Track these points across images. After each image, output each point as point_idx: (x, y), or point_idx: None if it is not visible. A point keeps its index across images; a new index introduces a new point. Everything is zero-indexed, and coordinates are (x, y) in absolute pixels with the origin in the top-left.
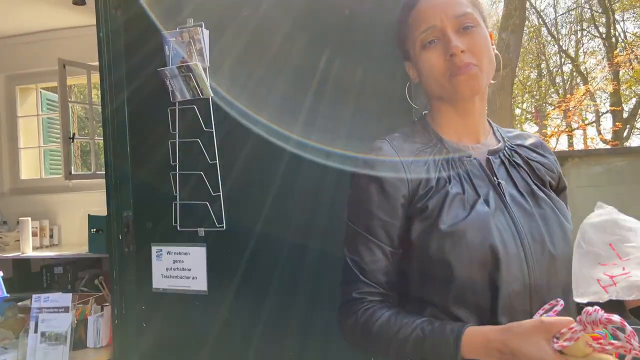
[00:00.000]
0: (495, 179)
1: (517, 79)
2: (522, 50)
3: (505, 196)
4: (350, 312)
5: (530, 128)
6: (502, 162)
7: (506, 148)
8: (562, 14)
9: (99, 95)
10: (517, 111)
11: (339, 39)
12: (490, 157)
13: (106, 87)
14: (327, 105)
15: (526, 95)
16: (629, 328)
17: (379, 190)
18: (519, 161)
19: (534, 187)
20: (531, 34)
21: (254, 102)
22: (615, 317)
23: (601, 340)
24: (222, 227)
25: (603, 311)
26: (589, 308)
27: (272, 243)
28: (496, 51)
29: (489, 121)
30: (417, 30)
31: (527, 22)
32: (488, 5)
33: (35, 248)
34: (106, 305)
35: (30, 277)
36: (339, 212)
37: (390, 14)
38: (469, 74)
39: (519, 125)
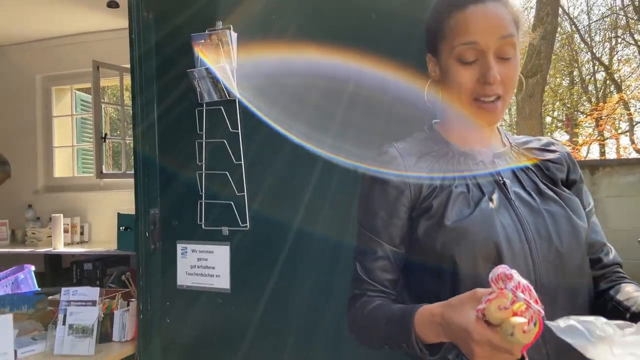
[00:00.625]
0: (500, 178)
1: (547, 86)
2: (553, 57)
3: (509, 194)
4: (351, 306)
5: (561, 136)
6: (508, 164)
7: (512, 151)
8: (596, 20)
9: (131, 97)
10: (548, 119)
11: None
12: (496, 160)
13: (137, 89)
14: (356, 111)
15: (557, 103)
16: (516, 280)
17: (381, 191)
18: (526, 163)
19: (542, 186)
20: (563, 41)
21: (283, 107)
22: (510, 271)
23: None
24: (246, 226)
25: (507, 268)
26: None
27: (295, 244)
28: (520, 75)
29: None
30: (457, 39)
31: (559, 29)
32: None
33: (66, 244)
34: (132, 301)
35: (60, 272)
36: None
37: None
38: (495, 112)
39: (549, 134)
